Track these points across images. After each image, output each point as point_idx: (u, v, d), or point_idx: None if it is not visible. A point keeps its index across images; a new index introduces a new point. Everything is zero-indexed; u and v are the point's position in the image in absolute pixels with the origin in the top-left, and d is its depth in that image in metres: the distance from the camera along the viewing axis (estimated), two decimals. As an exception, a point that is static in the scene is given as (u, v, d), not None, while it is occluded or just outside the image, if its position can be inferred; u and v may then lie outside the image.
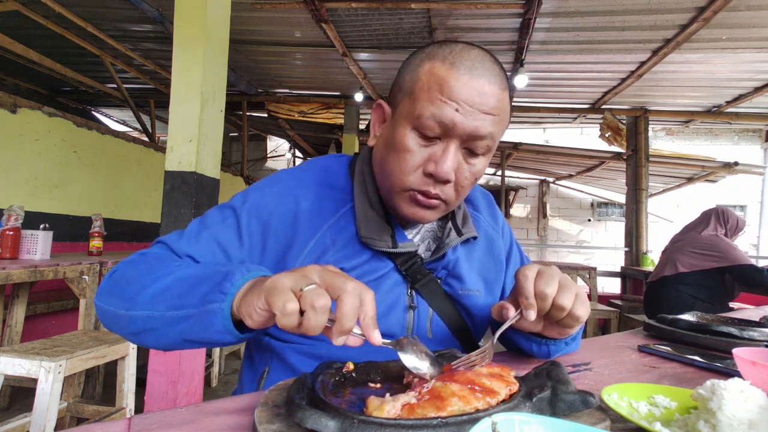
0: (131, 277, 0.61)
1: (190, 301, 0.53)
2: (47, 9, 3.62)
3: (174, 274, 0.58)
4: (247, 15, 3.62)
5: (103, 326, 0.71)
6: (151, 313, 0.56)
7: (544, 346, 0.68)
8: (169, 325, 0.55)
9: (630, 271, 5.06)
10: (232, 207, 0.72)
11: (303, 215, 0.70)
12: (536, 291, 0.57)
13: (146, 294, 0.57)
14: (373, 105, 0.72)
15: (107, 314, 0.62)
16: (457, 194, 0.67)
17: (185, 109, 2.24)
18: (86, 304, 2.37)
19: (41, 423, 1.57)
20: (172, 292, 0.56)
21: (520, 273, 0.59)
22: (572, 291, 0.58)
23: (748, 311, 1.57)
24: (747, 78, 4.31)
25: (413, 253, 0.72)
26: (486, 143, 0.64)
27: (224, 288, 0.51)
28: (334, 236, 0.70)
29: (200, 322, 0.51)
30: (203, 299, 0.52)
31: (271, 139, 9.50)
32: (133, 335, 0.59)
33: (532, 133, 8.27)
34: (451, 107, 0.60)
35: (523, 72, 4.03)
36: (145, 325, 0.57)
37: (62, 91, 6.14)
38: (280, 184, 0.74)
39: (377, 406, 0.40)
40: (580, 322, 0.60)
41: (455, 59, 0.62)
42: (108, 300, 0.62)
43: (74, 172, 3.60)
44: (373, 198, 0.73)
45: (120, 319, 0.60)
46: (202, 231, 0.70)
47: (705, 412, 0.44)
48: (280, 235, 0.70)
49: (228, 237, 0.69)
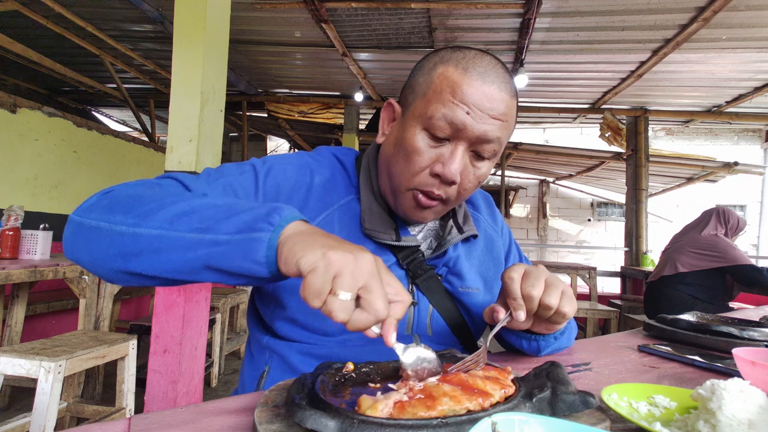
0: (143, 195, 0.56)
1: (225, 227, 0.49)
2: (47, 9, 3.62)
3: (203, 200, 0.54)
4: (247, 15, 3.62)
5: (66, 248, 0.58)
6: (164, 232, 0.51)
7: (534, 342, 0.70)
8: (186, 248, 0.50)
9: (630, 271, 5.06)
10: (252, 164, 0.73)
11: (316, 189, 0.73)
12: (523, 292, 0.58)
13: (164, 213, 0.52)
14: (384, 104, 0.74)
15: (88, 230, 0.55)
16: (459, 196, 0.69)
17: (185, 109, 2.24)
18: (86, 304, 2.37)
19: (41, 423, 1.57)
20: (201, 215, 0.51)
21: (506, 275, 0.60)
22: (558, 289, 0.59)
23: (748, 311, 1.57)
24: (747, 78, 4.31)
25: (415, 248, 0.73)
26: (493, 147, 0.66)
27: (273, 220, 0.48)
28: (342, 217, 0.72)
29: (238, 249, 0.48)
30: (246, 226, 0.48)
31: (271, 139, 9.50)
32: (122, 257, 0.52)
33: (532, 133, 8.27)
34: (462, 110, 0.62)
35: (523, 72, 4.03)
36: (148, 245, 0.51)
37: (62, 91, 6.14)
38: (298, 158, 0.76)
39: (370, 404, 0.40)
40: (567, 318, 0.61)
41: (468, 65, 0.64)
42: (98, 214, 0.55)
43: (74, 172, 3.60)
44: (378, 194, 0.75)
45: (108, 236, 0.53)
46: (219, 178, 0.68)
47: (705, 412, 0.44)
48: (292, 203, 0.71)
49: (244, 187, 0.69)
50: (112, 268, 0.54)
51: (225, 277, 0.51)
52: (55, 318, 3.34)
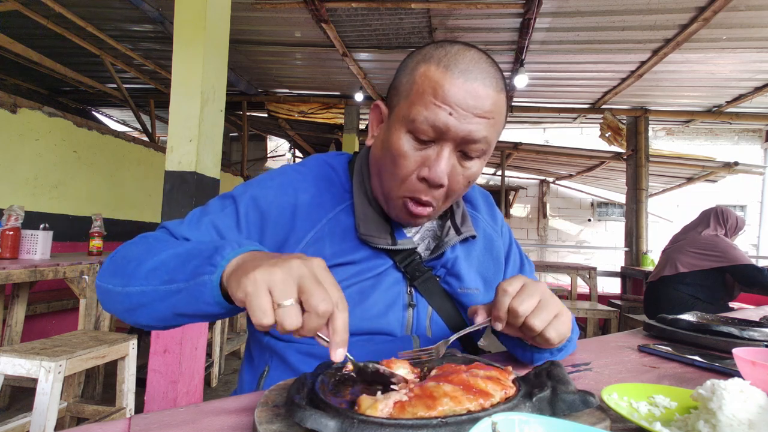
0: (130, 256, 0.62)
1: (181, 275, 0.53)
2: (47, 9, 3.62)
3: (168, 251, 0.58)
4: (247, 15, 3.62)
5: (102, 307, 0.71)
6: (144, 288, 0.56)
7: (528, 352, 0.68)
8: (161, 300, 0.55)
9: (630, 271, 5.06)
10: (233, 196, 0.73)
11: (302, 208, 0.71)
12: (510, 307, 0.57)
13: (142, 270, 0.58)
14: (372, 105, 0.72)
15: (105, 292, 0.62)
16: (448, 198, 0.68)
17: (185, 109, 2.24)
18: (86, 304, 2.37)
19: (41, 423, 1.57)
20: (166, 267, 0.56)
21: (501, 286, 0.59)
22: (550, 312, 0.57)
23: (748, 311, 1.57)
24: (747, 78, 4.31)
25: (412, 251, 0.72)
26: (480, 147, 0.64)
27: (214, 261, 0.51)
28: (332, 230, 0.71)
29: (190, 294, 0.52)
30: (194, 272, 0.52)
31: (271, 139, 9.50)
32: (127, 312, 0.60)
33: (532, 133, 8.27)
34: (444, 111, 0.60)
35: (523, 72, 4.03)
36: (139, 301, 0.57)
37: (62, 91, 6.14)
38: (281, 177, 0.75)
39: (370, 404, 0.40)
40: (551, 344, 0.59)
41: (450, 62, 0.61)
42: (108, 278, 0.62)
43: (74, 172, 3.60)
44: (372, 197, 0.74)
45: (116, 296, 0.60)
46: (203, 218, 0.70)
47: (705, 412, 0.44)
48: (278, 227, 0.70)
49: (226, 224, 0.70)
50: (129, 320, 0.61)
51: (194, 319, 0.56)
52: (55, 318, 3.34)
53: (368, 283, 0.70)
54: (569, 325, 0.60)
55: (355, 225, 0.71)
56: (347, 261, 0.69)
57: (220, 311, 0.52)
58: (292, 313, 0.43)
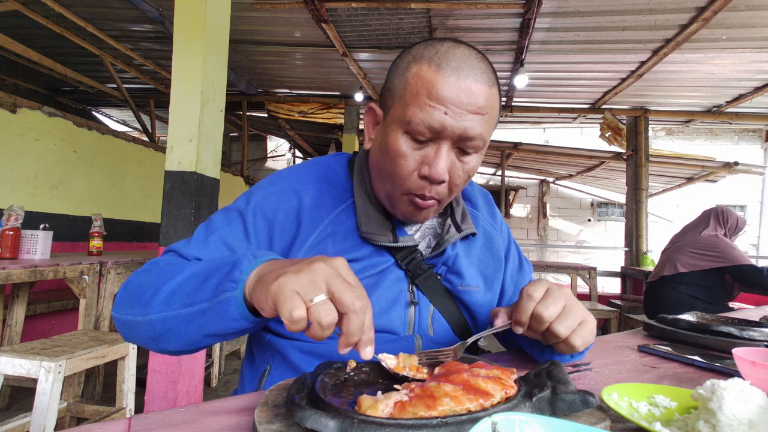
0: (145, 284, 0.61)
1: (203, 296, 0.53)
2: (47, 9, 3.62)
3: (183, 273, 0.58)
4: (247, 15, 3.62)
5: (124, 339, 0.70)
6: (166, 314, 0.56)
7: (548, 354, 0.68)
8: (187, 323, 0.55)
9: (630, 271, 5.06)
10: (237, 209, 0.73)
11: (305, 210, 0.72)
12: (535, 312, 0.57)
13: (160, 296, 0.57)
14: (366, 108, 0.73)
15: (126, 324, 0.61)
16: (451, 192, 0.69)
17: (185, 109, 2.24)
18: (86, 304, 2.37)
19: (41, 423, 1.57)
20: (184, 290, 0.56)
21: (525, 291, 0.58)
22: (575, 319, 0.57)
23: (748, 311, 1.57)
24: (747, 78, 4.31)
25: (413, 248, 0.73)
26: (476, 143, 0.65)
27: (234, 276, 0.51)
28: (335, 230, 0.71)
29: (216, 313, 0.52)
30: (215, 290, 0.52)
31: (271, 139, 9.50)
32: (152, 340, 0.59)
33: (532, 133, 8.27)
34: (439, 111, 0.61)
35: (523, 72, 4.03)
36: (162, 327, 0.56)
37: (62, 91, 6.14)
38: (281, 182, 0.75)
39: (371, 404, 0.40)
40: (575, 350, 0.58)
41: (441, 60, 0.62)
42: (124, 310, 0.61)
43: (74, 172, 3.60)
44: (373, 195, 0.74)
45: (138, 326, 0.59)
46: (210, 235, 0.70)
47: (705, 412, 0.44)
48: (285, 231, 0.71)
49: (235, 237, 0.70)
50: (155, 348, 0.60)
51: (224, 337, 0.55)
52: (55, 318, 3.34)
53: (370, 281, 0.70)
54: (594, 332, 0.60)
55: (356, 224, 0.72)
56: (350, 259, 0.69)
57: (248, 326, 0.52)
58: (328, 308, 0.43)
